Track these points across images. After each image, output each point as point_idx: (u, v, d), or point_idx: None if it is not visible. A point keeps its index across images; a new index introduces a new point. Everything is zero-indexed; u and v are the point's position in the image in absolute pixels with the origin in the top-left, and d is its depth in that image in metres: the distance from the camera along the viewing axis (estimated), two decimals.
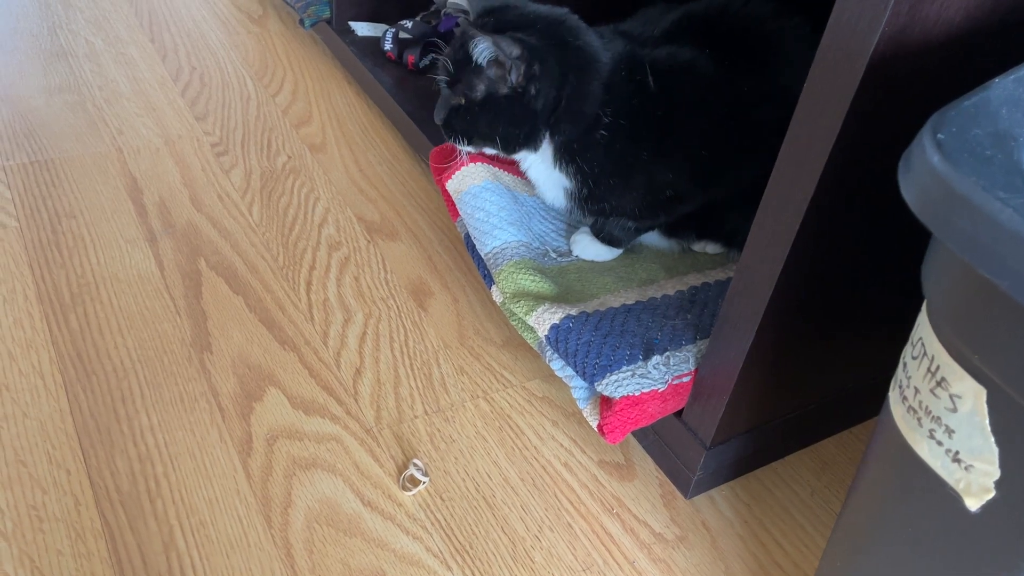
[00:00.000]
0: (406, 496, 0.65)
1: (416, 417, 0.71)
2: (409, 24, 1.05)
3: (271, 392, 0.71)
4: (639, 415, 0.64)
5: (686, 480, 0.68)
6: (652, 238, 0.77)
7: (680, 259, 0.76)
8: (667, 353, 0.65)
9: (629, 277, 0.73)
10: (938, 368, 0.37)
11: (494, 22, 0.68)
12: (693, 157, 0.68)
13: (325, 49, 1.17)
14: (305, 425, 0.69)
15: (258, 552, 0.60)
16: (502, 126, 0.67)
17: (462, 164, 0.76)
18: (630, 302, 0.70)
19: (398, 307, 0.81)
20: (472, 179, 0.74)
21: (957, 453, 0.37)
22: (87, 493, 0.62)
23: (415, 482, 0.66)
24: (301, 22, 1.12)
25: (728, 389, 0.61)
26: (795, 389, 0.67)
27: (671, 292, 0.71)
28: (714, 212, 0.72)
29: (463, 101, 0.69)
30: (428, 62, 1.05)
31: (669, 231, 0.76)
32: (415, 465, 0.67)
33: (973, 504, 0.37)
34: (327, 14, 1.12)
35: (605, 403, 0.64)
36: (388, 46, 1.05)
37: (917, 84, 0.48)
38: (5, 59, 1.07)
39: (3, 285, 0.77)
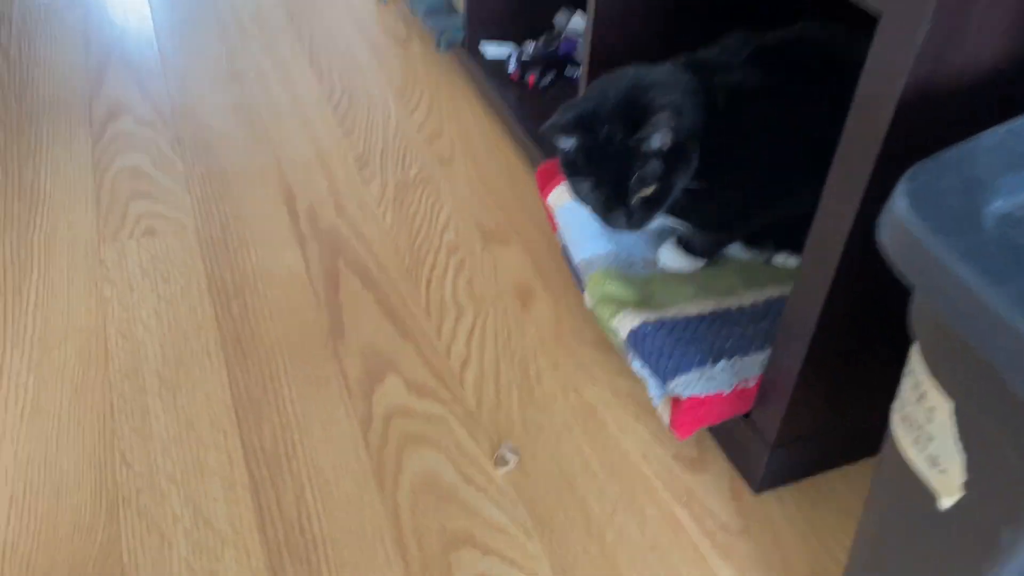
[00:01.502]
0: (498, 473, 0.75)
1: (512, 405, 0.81)
2: (531, 48, 1.15)
3: (391, 377, 0.83)
4: (705, 414, 0.70)
5: (754, 477, 0.74)
6: (735, 250, 0.83)
7: (761, 271, 0.82)
8: (734, 358, 0.71)
9: (709, 287, 0.79)
10: (919, 383, 0.42)
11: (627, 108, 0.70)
12: (765, 177, 0.73)
13: (458, 69, 1.28)
14: (417, 406, 0.80)
15: (370, 510, 0.71)
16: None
17: (561, 180, 0.84)
18: (706, 311, 0.76)
19: (504, 307, 0.91)
20: (568, 195, 0.83)
21: (935, 457, 0.42)
22: (239, 452, 0.75)
23: (505, 462, 0.75)
24: (437, 45, 1.24)
25: (788, 393, 0.67)
26: (858, 398, 0.71)
27: (747, 303, 0.77)
28: (792, 226, 0.77)
29: (656, 187, 0.70)
30: (548, 83, 1.14)
31: (751, 244, 0.81)
32: (507, 446, 0.76)
33: (947, 502, 0.42)
34: (460, 37, 1.23)
35: (675, 402, 0.71)
36: (512, 68, 1.15)
37: (944, 125, 0.52)
38: (191, 82, 1.26)
39: (182, 277, 0.93)
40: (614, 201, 0.72)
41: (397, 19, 1.42)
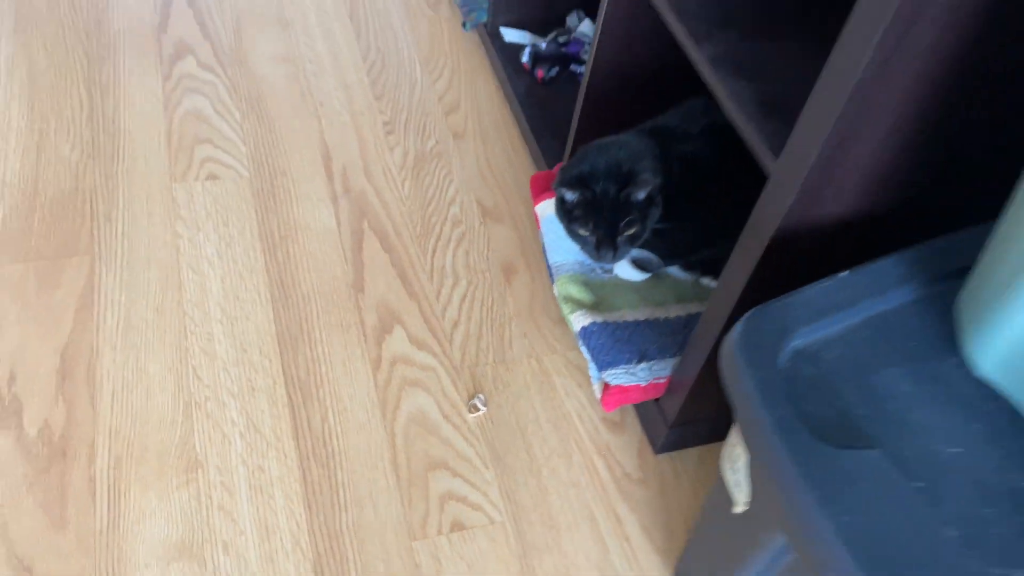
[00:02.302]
0: (470, 416, 1.01)
1: (487, 363, 1.06)
2: (543, 44, 1.33)
3: (397, 329, 1.08)
4: (626, 398, 0.96)
5: (656, 443, 1.01)
6: (675, 270, 1.07)
7: (691, 289, 1.06)
8: (652, 361, 0.96)
9: (648, 298, 1.04)
10: (734, 438, 0.67)
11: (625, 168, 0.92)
12: (703, 223, 0.96)
13: (480, 47, 1.46)
14: (415, 356, 1.06)
15: (375, 434, 0.98)
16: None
17: (550, 195, 1.07)
18: (641, 318, 1.01)
19: (492, 280, 1.15)
20: (553, 208, 1.05)
21: (738, 482, 0.68)
22: (280, 377, 1.01)
23: (477, 409, 1.02)
24: (464, 24, 1.42)
25: (687, 390, 0.92)
26: None
27: (672, 316, 1.02)
28: (717, 259, 1.01)
29: (637, 228, 0.93)
30: (553, 76, 1.33)
31: (686, 267, 1.05)
32: (479, 397, 1.03)
33: (737, 510, 0.68)
34: (485, 19, 1.41)
35: (605, 386, 0.97)
36: (525, 59, 1.34)
37: (809, 257, 0.76)
38: (245, 26, 1.43)
39: (238, 221, 1.16)
40: (606, 241, 0.95)
41: None
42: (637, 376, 0.96)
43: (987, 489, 0.58)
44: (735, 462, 0.68)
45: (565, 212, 0.95)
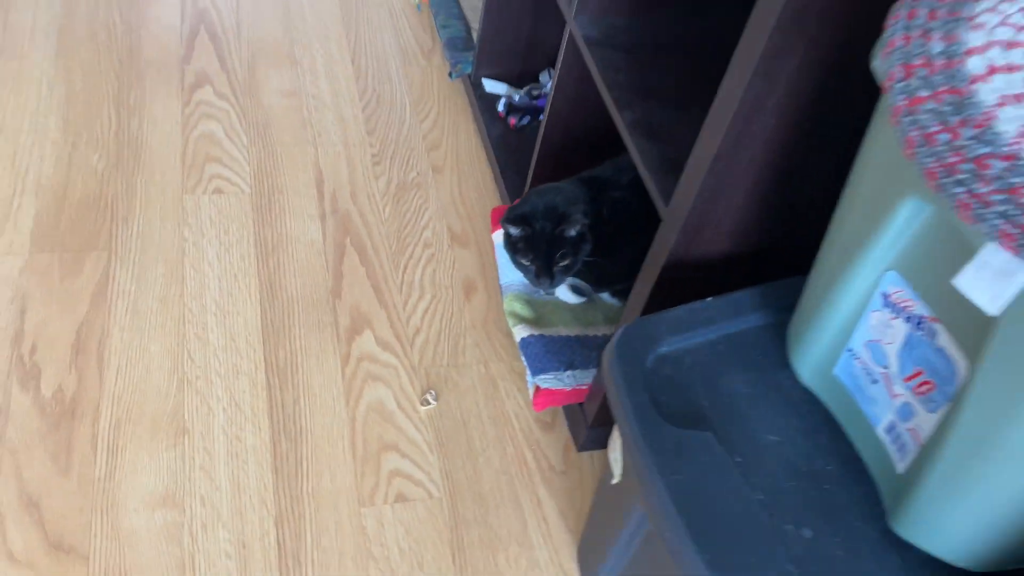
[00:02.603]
0: (422, 409, 1.18)
1: (442, 366, 1.23)
2: (517, 97, 1.52)
3: (367, 331, 1.25)
4: (552, 400, 1.13)
5: (578, 440, 1.17)
6: (606, 296, 1.24)
7: (619, 313, 1.23)
8: (577, 370, 1.14)
9: (580, 318, 1.21)
10: (615, 430, 0.84)
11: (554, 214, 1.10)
12: (627, 258, 1.14)
13: (463, 94, 1.65)
14: (379, 355, 1.23)
15: (338, 417, 1.15)
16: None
17: (497, 226, 1.25)
18: (572, 334, 1.18)
19: (453, 295, 1.33)
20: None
21: (616, 460, 0.85)
22: (262, 364, 1.18)
23: (428, 403, 1.19)
24: (450, 74, 1.61)
25: (602, 396, 1.09)
26: None
27: (600, 334, 1.19)
28: None
29: (569, 260, 1.10)
30: (523, 125, 1.52)
31: (615, 294, 1.23)
32: (431, 393, 1.20)
33: (614, 480, 0.85)
34: (469, 71, 1.60)
35: (537, 389, 1.14)
36: (501, 108, 1.53)
37: (693, 284, 0.93)
38: (258, 62, 1.63)
39: (237, 230, 1.34)
40: (543, 270, 1.12)
41: (426, 28, 1.78)
42: (563, 382, 1.13)
43: (792, 468, 0.75)
44: (615, 443, 0.85)
45: (510, 245, 1.13)
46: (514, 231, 1.11)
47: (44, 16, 1.60)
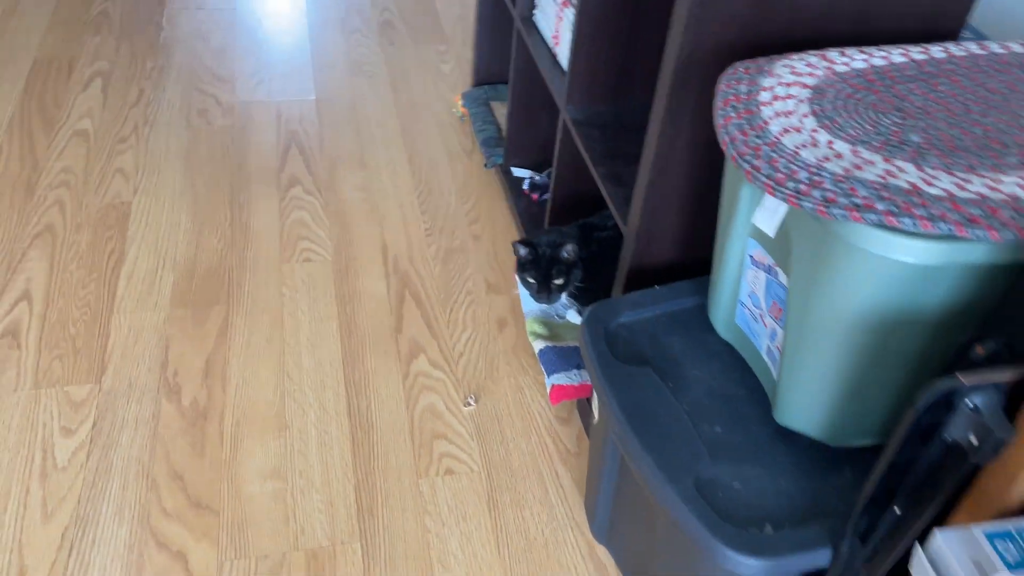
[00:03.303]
0: (465, 410, 1.52)
1: (480, 379, 1.57)
2: (538, 178, 1.92)
3: (421, 356, 1.61)
4: (564, 394, 1.46)
5: (587, 430, 1.48)
6: None
7: None
8: (583, 370, 1.46)
9: None
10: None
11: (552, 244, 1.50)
12: (609, 284, 1.48)
13: (497, 180, 2.06)
14: (432, 372, 1.58)
15: (400, 416, 1.49)
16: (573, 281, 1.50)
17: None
18: (579, 345, 1.51)
19: (489, 329, 1.68)
20: None
21: (595, 405, 1.16)
22: (342, 380, 1.54)
23: (469, 405, 1.52)
24: (485, 164, 2.03)
25: None
26: None
27: None
28: None
29: (562, 280, 1.48)
30: (543, 199, 1.90)
31: None
32: (472, 397, 1.53)
33: (595, 419, 1.16)
34: (500, 161, 2.01)
35: (553, 387, 1.47)
36: (526, 187, 1.92)
37: (652, 276, 1.26)
38: (337, 166, 2.07)
39: (323, 288, 1.73)
40: (543, 287, 1.48)
41: (467, 134, 2.21)
42: (572, 379, 1.46)
43: (709, 391, 1.07)
44: (595, 396, 1.17)
45: (520, 266, 1.50)
46: (523, 251, 1.48)
47: (175, 142, 2.09)
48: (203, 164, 2.03)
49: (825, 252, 0.82)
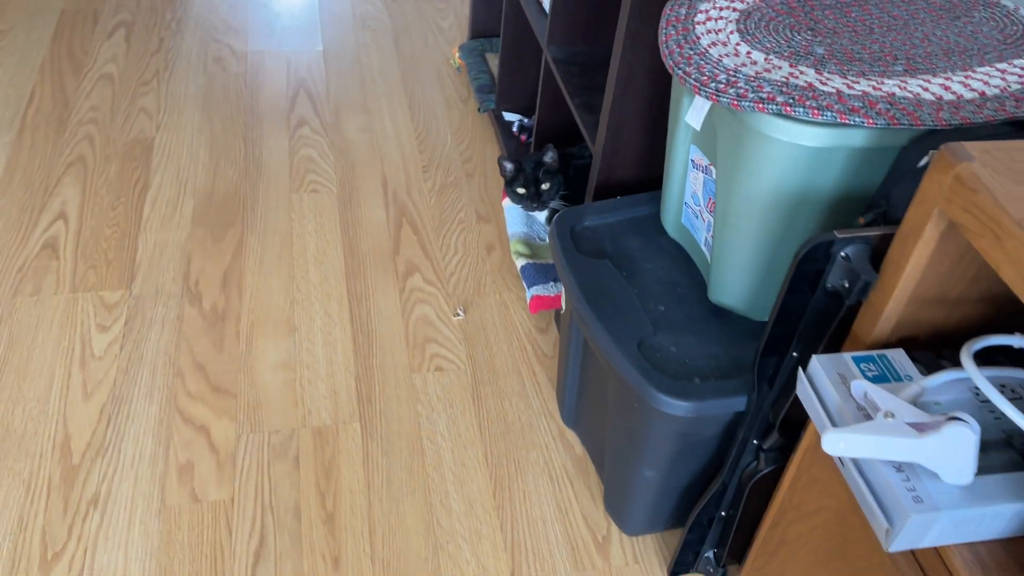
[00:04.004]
0: (454, 319, 1.70)
1: (469, 294, 1.76)
2: (526, 121, 2.09)
3: (416, 274, 1.79)
4: (542, 304, 1.64)
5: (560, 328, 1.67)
6: None
7: None
8: (559, 283, 1.64)
9: None
10: None
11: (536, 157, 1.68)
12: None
13: (490, 123, 2.23)
14: (424, 287, 1.76)
15: (397, 323, 1.68)
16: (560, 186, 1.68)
17: (504, 196, 1.79)
18: None
19: (477, 252, 1.86)
20: (508, 200, 1.77)
21: (564, 299, 1.34)
22: (346, 292, 1.73)
23: (458, 315, 1.71)
24: (479, 109, 2.20)
25: None
26: None
27: None
28: None
29: (549, 184, 1.68)
30: (529, 140, 2.08)
31: None
32: (460, 308, 1.72)
33: (563, 309, 1.35)
34: (492, 106, 2.18)
35: (532, 297, 1.65)
36: (515, 129, 2.09)
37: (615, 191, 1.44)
38: (342, 110, 2.24)
39: (328, 215, 1.91)
40: (533, 195, 1.67)
41: (464, 83, 2.38)
42: (549, 290, 1.64)
43: (658, 279, 1.25)
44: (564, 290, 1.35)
45: (508, 182, 1.68)
46: (508, 166, 1.67)
47: (193, 86, 2.26)
48: (219, 106, 2.21)
49: (741, 142, 1.00)
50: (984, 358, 0.89)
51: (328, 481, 1.40)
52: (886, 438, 0.77)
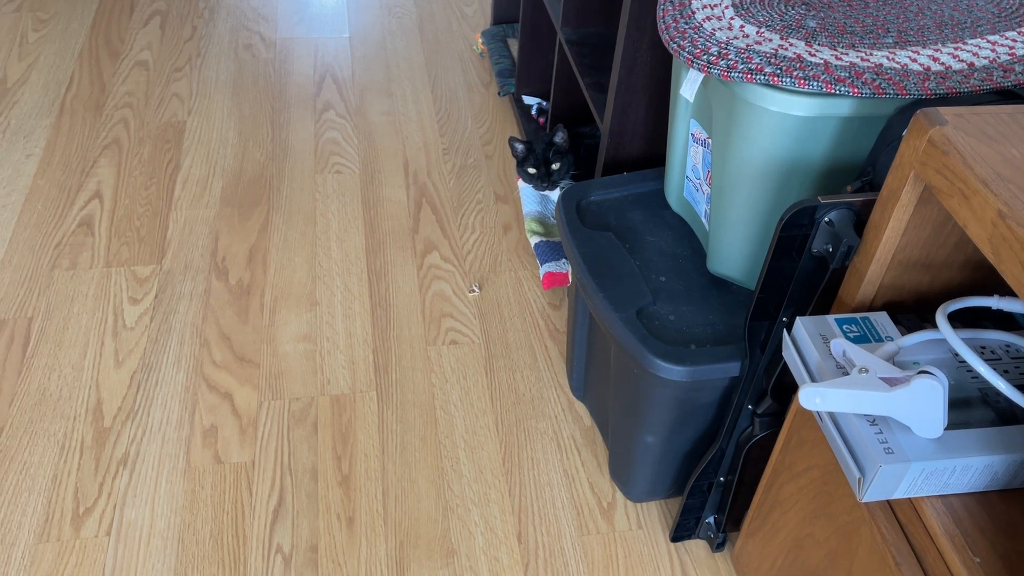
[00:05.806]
0: (470, 295, 1.75)
1: (485, 271, 1.80)
2: (545, 104, 2.13)
3: (434, 252, 1.84)
4: (554, 281, 1.68)
5: None
6: None
7: None
8: None
9: None
10: None
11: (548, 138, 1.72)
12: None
13: (509, 106, 2.27)
14: (442, 264, 1.81)
15: (414, 298, 1.73)
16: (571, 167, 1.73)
17: (519, 178, 1.83)
18: None
19: (495, 232, 1.91)
20: (522, 181, 1.81)
21: (571, 272, 1.39)
22: (365, 268, 1.79)
23: (474, 291, 1.75)
24: (499, 93, 2.24)
25: None
26: None
27: None
28: None
29: (559, 163, 1.73)
30: (547, 122, 2.11)
31: None
32: (476, 285, 1.76)
33: (570, 284, 1.39)
34: (512, 90, 2.22)
35: (545, 274, 1.69)
36: (533, 112, 2.13)
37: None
38: (366, 95, 2.30)
39: (351, 195, 1.97)
40: (542, 172, 1.71)
41: (485, 68, 2.43)
42: (562, 267, 1.68)
43: (659, 251, 1.28)
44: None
45: (519, 162, 1.72)
46: (519, 146, 1.71)
47: (224, 72, 2.34)
48: (248, 91, 2.28)
49: (734, 113, 1.03)
50: (972, 323, 0.92)
51: (344, 446, 1.46)
52: (859, 392, 0.80)
